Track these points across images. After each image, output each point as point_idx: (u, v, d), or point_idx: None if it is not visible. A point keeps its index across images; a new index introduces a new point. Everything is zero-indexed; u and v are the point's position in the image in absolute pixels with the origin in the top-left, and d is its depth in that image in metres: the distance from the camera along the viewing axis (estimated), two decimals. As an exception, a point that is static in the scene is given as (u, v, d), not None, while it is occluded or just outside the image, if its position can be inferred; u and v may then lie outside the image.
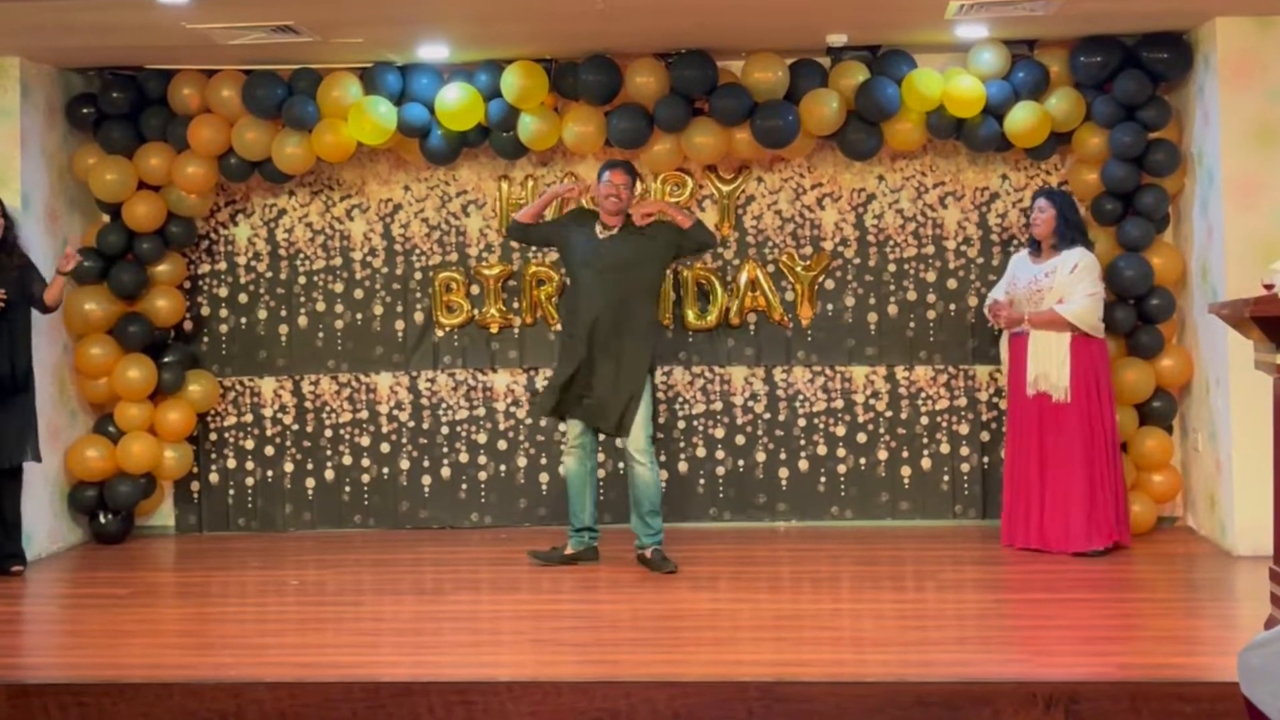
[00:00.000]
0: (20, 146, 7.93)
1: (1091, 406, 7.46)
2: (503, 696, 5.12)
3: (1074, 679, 5.12)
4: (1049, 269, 7.54)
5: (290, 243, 8.76)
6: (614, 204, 7.35)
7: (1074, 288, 7.43)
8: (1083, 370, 7.45)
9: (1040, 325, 7.48)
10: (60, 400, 8.28)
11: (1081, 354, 7.45)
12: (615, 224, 7.40)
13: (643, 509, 7.35)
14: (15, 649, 6.34)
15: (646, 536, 7.36)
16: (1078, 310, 7.41)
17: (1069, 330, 7.43)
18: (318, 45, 7.71)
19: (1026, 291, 7.58)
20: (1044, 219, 7.56)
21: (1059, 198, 7.64)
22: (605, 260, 7.31)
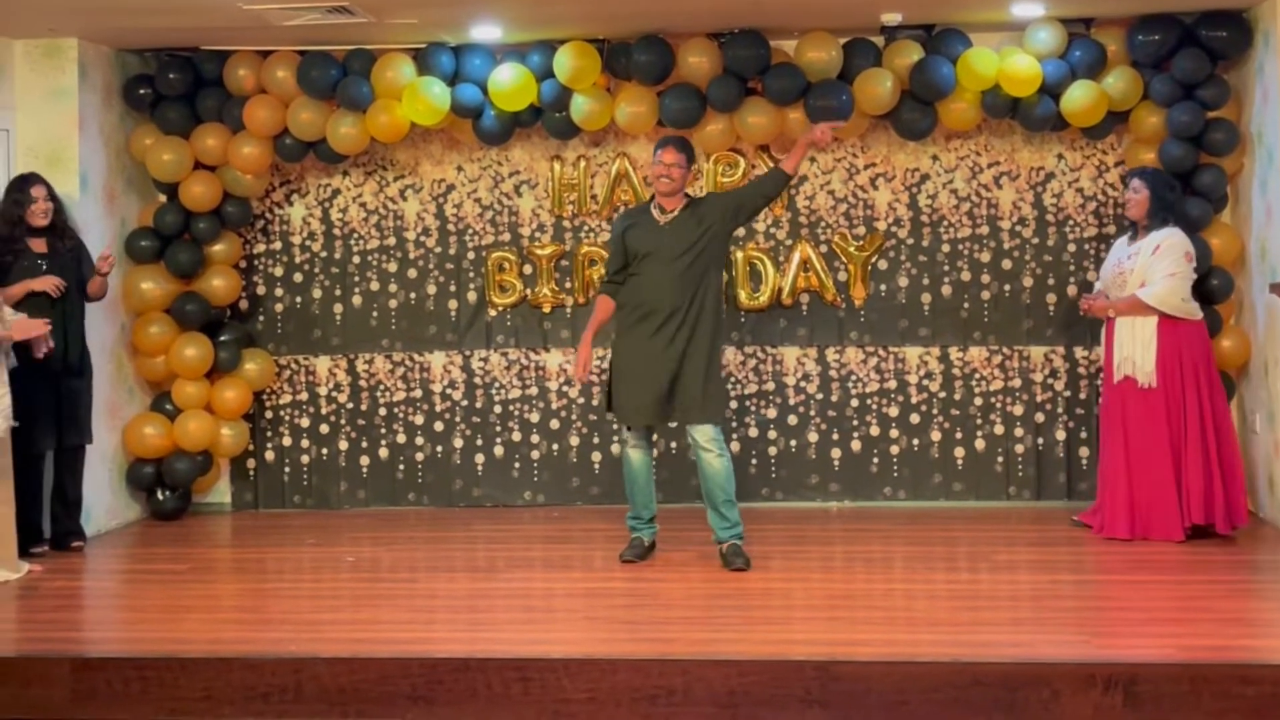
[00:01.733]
0: (79, 127, 8.00)
1: (1178, 390, 7.25)
2: (559, 673, 5.14)
3: (1133, 660, 5.09)
4: (1134, 250, 7.39)
5: (344, 222, 8.80)
6: (665, 185, 6.92)
7: (1155, 269, 7.26)
8: (1169, 354, 7.25)
9: (1124, 312, 7.33)
10: (118, 378, 8.36)
11: (1167, 337, 7.25)
12: (674, 206, 6.97)
13: (716, 500, 6.91)
14: (77, 623, 6.42)
15: (724, 530, 6.94)
16: (1157, 292, 7.22)
17: (1152, 313, 7.27)
18: (372, 26, 7.74)
19: (1112, 275, 7.46)
20: (1137, 200, 7.39)
21: (1152, 176, 7.45)
22: (670, 246, 6.88)
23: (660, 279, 6.88)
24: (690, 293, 6.86)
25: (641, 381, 6.92)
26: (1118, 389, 7.41)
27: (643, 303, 6.94)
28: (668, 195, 6.98)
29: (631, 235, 7.00)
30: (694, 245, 6.88)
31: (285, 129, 8.31)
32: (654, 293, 6.89)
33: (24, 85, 7.97)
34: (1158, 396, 7.27)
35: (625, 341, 7.05)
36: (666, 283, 6.87)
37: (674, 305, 6.85)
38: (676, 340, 6.86)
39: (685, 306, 6.86)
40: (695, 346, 6.87)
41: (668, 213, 6.98)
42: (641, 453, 7.07)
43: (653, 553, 7.17)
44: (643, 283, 6.95)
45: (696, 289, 6.88)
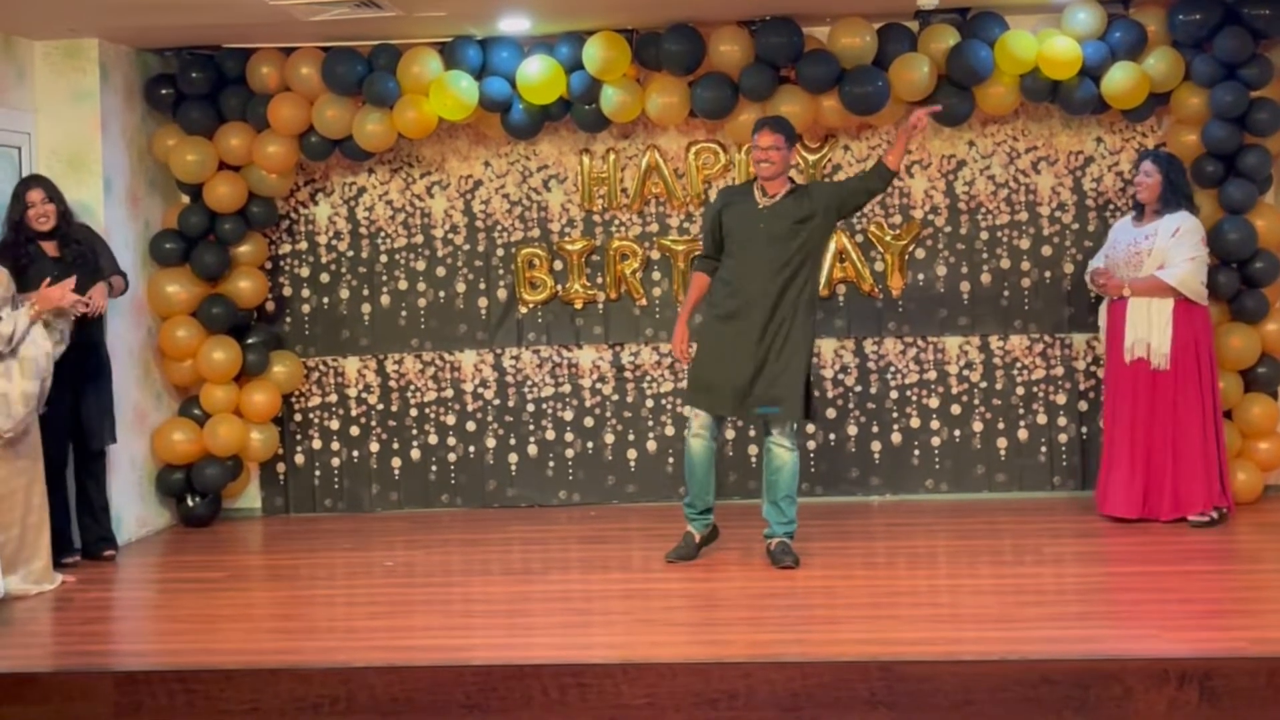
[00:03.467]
0: (101, 129, 7.87)
1: (1191, 374, 7.29)
2: (617, 679, 5.02)
3: (1206, 655, 4.97)
4: (1149, 232, 7.37)
5: (371, 221, 8.67)
6: (767, 169, 6.65)
7: (1175, 252, 7.25)
8: (1184, 337, 7.28)
9: (1141, 292, 7.30)
10: (145, 383, 8.24)
11: (1183, 321, 7.27)
12: (777, 190, 6.71)
13: (778, 494, 6.76)
14: (113, 635, 6.33)
15: (779, 525, 6.78)
16: (1180, 275, 7.23)
17: (1171, 296, 7.26)
18: (398, 20, 7.60)
19: (1125, 255, 7.40)
20: (1149, 183, 7.36)
21: (1165, 161, 7.43)
22: (770, 230, 6.64)
23: (756, 265, 6.66)
24: (785, 282, 6.64)
25: (726, 370, 6.71)
26: (1129, 370, 7.37)
27: (735, 288, 6.71)
28: (770, 179, 6.72)
29: (729, 215, 6.79)
30: (795, 234, 6.65)
31: (310, 127, 8.18)
32: (748, 279, 6.68)
33: (45, 87, 7.83)
34: (1170, 379, 7.27)
35: (714, 327, 6.83)
36: (763, 269, 6.65)
37: (768, 293, 6.63)
38: (768, 331, 6.64)
39: (779, 296, 6.63)
40: (787, 339, 6.65)
41: (770, 196, 6.75)
42: (705, 442, 6.86)
43: (705, 547, 7.01)
44: (737, 267, 6.73)
45: (792, 279, 6.65)
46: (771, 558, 6.76)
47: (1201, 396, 7.32)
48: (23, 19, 7.40)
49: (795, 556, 6.72)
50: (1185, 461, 7.30)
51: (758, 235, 6.69)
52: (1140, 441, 7.37)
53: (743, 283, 6.68)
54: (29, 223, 7.19)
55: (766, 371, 6.66)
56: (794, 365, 6.66)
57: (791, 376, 6.66)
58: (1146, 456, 7.37)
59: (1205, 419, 7.33)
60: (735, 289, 6.71)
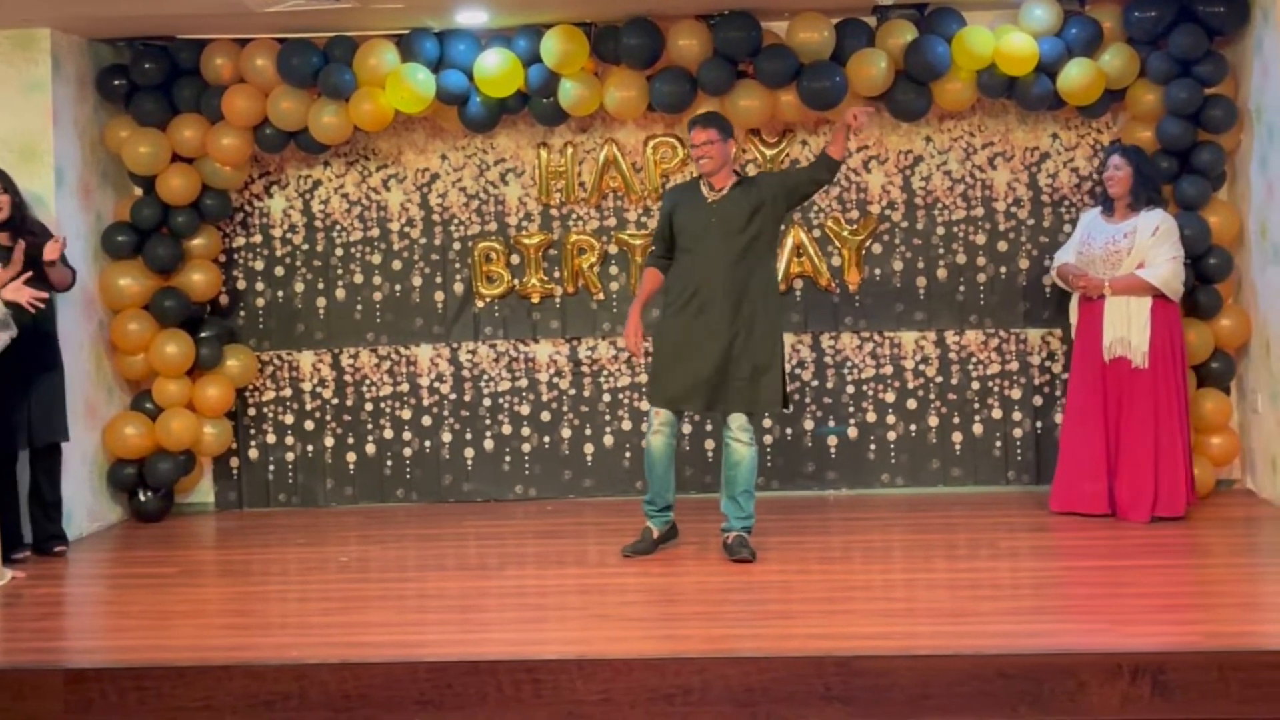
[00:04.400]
0: (52, 120, 7.77)
1: (1168, 371, 7.25)
2: (572, 675, 4.99)
3: (1159, 649, 4.98)
4: (1127, 230, 7.31)
5: (326, 214, 8.61)
6: (707, 165, 6.68)
7: (1157, 251, 7.21)
8: (1162, 335, 7.24)
9: (1122, 291, 7.25)
10: (97, 377, 8.15)
11: (1160, 318, 7.23)
12: (724, 183, 6.72)
13: (736, 489, 6.75)
14: (63, 632, 6.25)
15: (737, 519, 6.77)
16: (1164, 275, 7.19)
17: (1150, 294, 7.22)
18: (354, 11, 7.54)
19: (1103, 253, 7.36)
20: (1120, 176, 7.34)
21: (1135, 154, 7.43)
22: (723, 223, 6.65)
23: (709, 260, 6.65)
24: (746, 273, 6.63)
25: (692, 367, 6.68)
26: (1107, 368, 7.32)
27: (692, 285, 6.69)
28: (713, 174, 6.74)
29: (680, 214, 6.79)
30: (747, 225, 6.65)
31: (265, 119, 8.12)
32: (702, 274, 6.66)
33: (-5, 78, 7.76)
34: (1147, 376, 7.23)
35: (672, 324, 6.79)
36: (721, 263, 6.63)
37: (725, 288, 6.61)
38: (736, 324, 6.62)
39: (742, 288, 6.62)
40: (749, 333, 6.63)
41: (717, 190, 6.75)
42: (665, 439, 6.82)
43: (663, 545, 6.99)
44: (693, 263, 6.72)
45: (752, 270, 6.65)
46: (728, 551, 6.74)
47: (1175, 394, 7.28)
48: (-28, 8, 7.32)
49: (752, 550, 6.70)
50: (1169, 461, 7.23)
51: (711, 230, 6.68)
52: (1115, 442, 7.31)
53: (702, 278, 6.66)
54: None
55: (739, 365, 6.64)
56: (765, 361, 6.66)
57: (762, 373, 6.65)
58: (1120, 457, 7.30)
59: (1177, 417, 7.28)
60: (696, 285, 6.68)
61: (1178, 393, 7.30)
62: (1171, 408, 7.27)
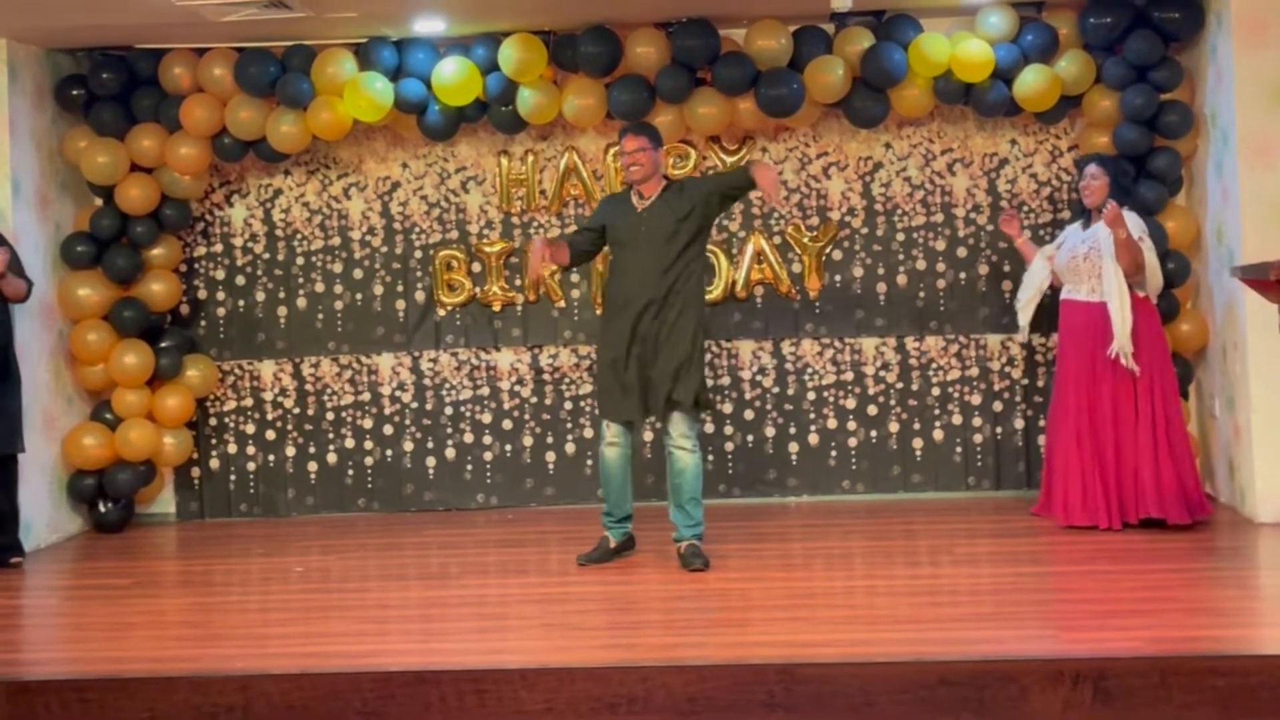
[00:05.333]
0: (9, 130, 7.77)
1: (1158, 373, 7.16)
2: (515, 684, 4.99)
3: (1101, 655, 4.98)
4: (1090, 236, 7.24)
5: (287, 223, 8.61)
6: (636, 173, 6.73)
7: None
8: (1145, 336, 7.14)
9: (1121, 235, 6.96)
10: (56, 387, 8.13)
11: (1142, 319, 7.13)
12: (652, 191, 6.76)
13: (683, 497, 6.75)
14: (15, 644, 6.21)
15: (686, 528, 6.77)
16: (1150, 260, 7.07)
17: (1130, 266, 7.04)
18: (311, 21, 7.55)
19: (1068, 262, 7.30)
20: (1096, 186, 7.25)
21: (1111, 164, 7.34)
22: (651, 231, 6.67)
23: (640, 268, 6.69)
24: (670, 282, 6.65)
25: (621, 375, 6.73)
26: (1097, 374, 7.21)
27: (623, 292, 6.75)
28: (642, 182, 6.78)
29: (612, 225, 6.85)
30: (676, 231, 6.67)
31: (224, 128, 8.11)
32: (634, 282, 6.70)
33: (-49, 88, 7.74)
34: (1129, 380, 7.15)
35: (607, 333, 6.85)
36: (647, 271, 6.67)
37: (653, 295, 6.64)
38: (657, 330, 6.66)
39: (664, 296, 6.64)
40: (675, 337, 6.65)
41: (646, 198, 6.79)
42: (618, 450, 6.85)
43: (621, 555, 7.00)
44: (624, 273, 6.77)
45: (677, 278, 6.66)
46: (682, 560, 6.73)
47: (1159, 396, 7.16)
48: (-74, 19, 7.31)
49: (705, 559, 6.70)
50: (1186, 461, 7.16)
51: (640, 238, 6.71)
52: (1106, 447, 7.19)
53: (632, 289, 6.70)
54: None
55: (660, 373, 6.66)
56: (689, 364, 6.66)
57: (687, 376, 6.66)
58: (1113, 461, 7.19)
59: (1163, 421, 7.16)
60: (626, 296, 6.72)
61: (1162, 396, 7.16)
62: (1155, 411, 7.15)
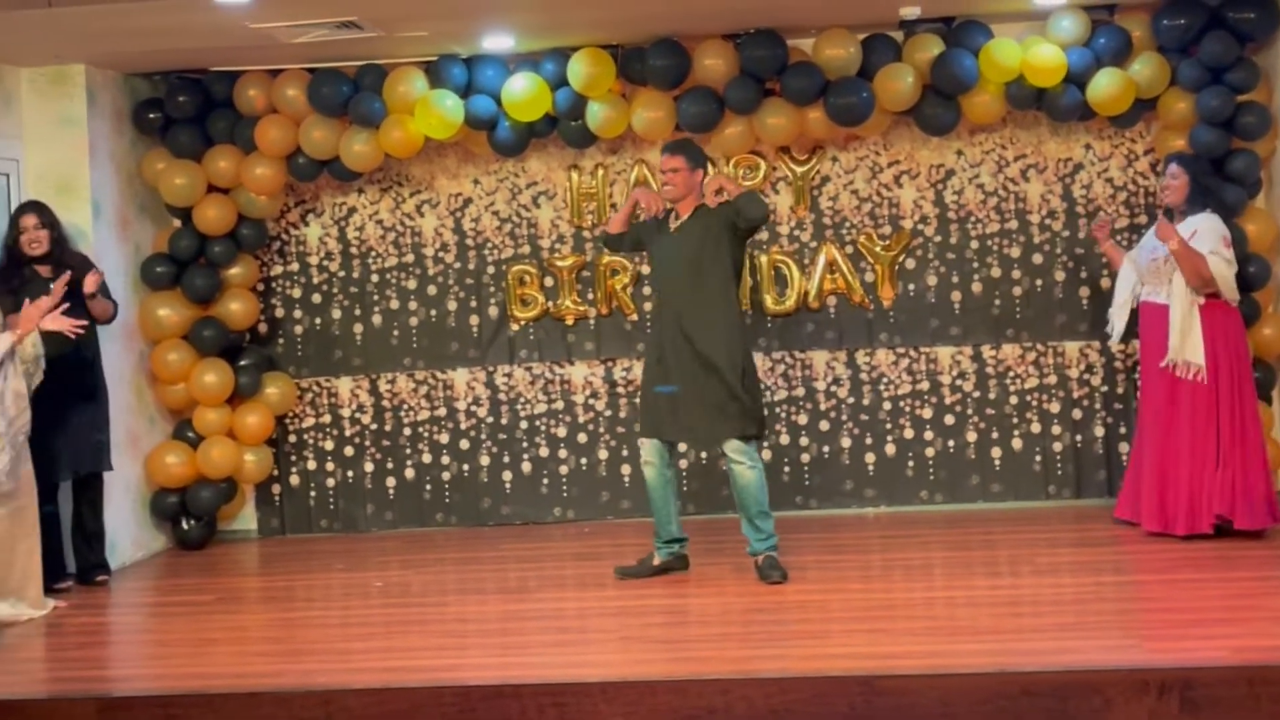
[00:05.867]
0: (89, 154, 7.89)
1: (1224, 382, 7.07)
2: (595, 698, 5.00)
3: (1187, 664, 4.92)
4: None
5: (361, 241, 8.68)
6: (670, 192, 6.81)
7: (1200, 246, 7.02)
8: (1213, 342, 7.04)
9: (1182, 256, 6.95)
10: (138, 407, 8.25)
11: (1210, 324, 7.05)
12: (686, 211, 6.83)
13: (750, 512, 6.72)
14: (102, 660, 6.32)
15: (758, 541, 6.75)
16: (1220, 270, 6.99)
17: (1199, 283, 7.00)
18: (382, 40, 7.62)
19: (1147, 263, 7.25)
20: (1176, 185, 7.19)
21: (1191, 162, 7.26)
22: (680, 253, 6.74)
23: (671, 287, 6.81)
24: (701, 301, 6.69)
25: (658, 397, 6.80)
26: (1162, 380, 7.17)
27: (660, 314, 6.89)
28: (676, 201, 6.86)
29: (653, 235, 6.96)
30: (700, 252, 6.71)
31: (298, 148, 8.20)
32: (668, 302, 6.82)
33: (32, 114, 7.86)
34: (1205, 389, 7.06)
35: (649, 355, 6.99)
36: (677, 290, 6.76)
37: (688, 316, 6.68)
38: (693, 352, 6.67)
39: (695, 316, 6.67)
40: (712, 359, 6.65)
41: (680, 218, 6.88)
42: (655, 470, 6.89)
43: (666, 574, 6.95)
44: (662, 295, 6.92)
45: (707, 295, 6.69)
46: (760, 574, 6.72)
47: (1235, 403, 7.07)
48: (8, 47, 7.43)
49: (783, 571, 6.68)
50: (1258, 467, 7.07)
51: (675, 259, 6.78)
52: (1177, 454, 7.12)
53: (665, 310, 6.80)
54: (21, 248, 7.22)
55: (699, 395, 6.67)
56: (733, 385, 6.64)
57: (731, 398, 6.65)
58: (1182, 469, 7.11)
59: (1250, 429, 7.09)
60: (660, 318, 6.85)
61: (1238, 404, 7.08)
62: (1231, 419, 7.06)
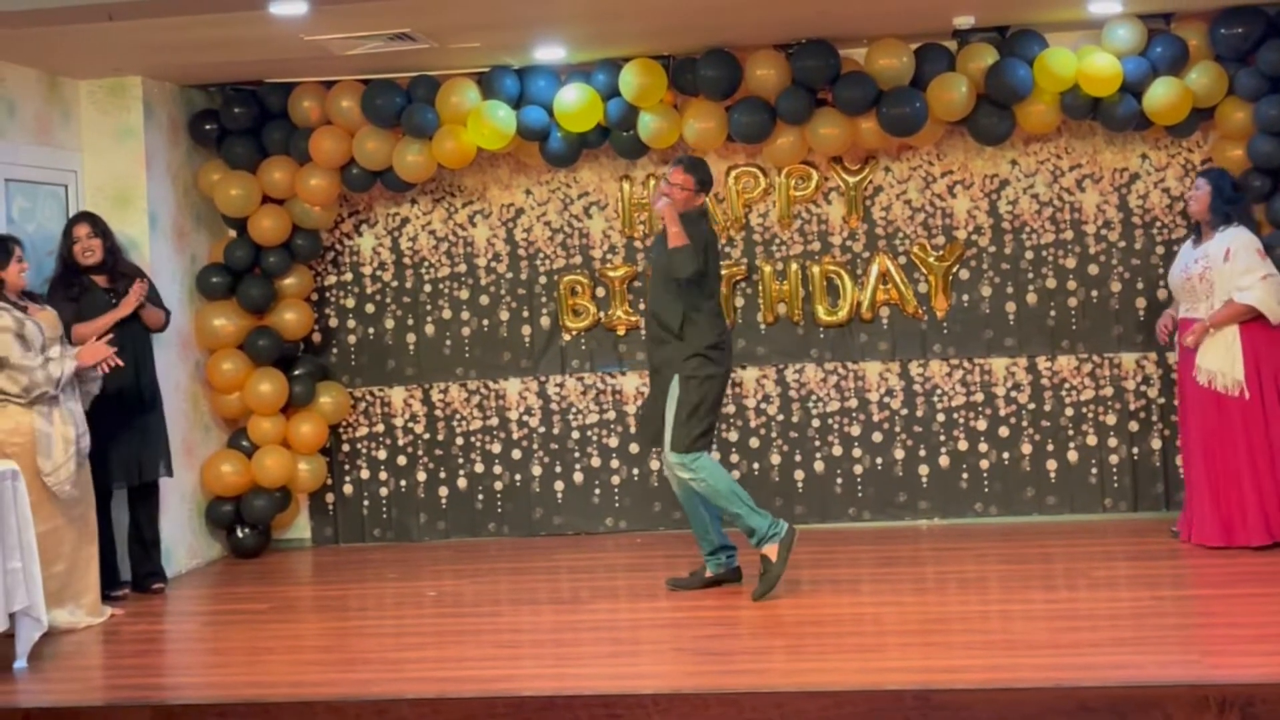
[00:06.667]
0: (146, 165, 7.97)
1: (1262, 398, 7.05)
2: (649, 709, 4.99)
3: (1248, 680, 4.86)
4: (1199, 255, 7.20)
5: (414, 251, 8.72)
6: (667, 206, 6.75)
7: (1239, 275, 7.02)
8: (1253, 360, 7.05)
9: (1223, 323, 7.07)
10: (194, 416, 8.31)
11: (1250, 343, 7.04)
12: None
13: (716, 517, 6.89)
14: (159, 668, 6.36)
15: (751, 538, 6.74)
16: (1258, 295, 6.99)
17: (1249, 317, 7.02)
18: (435, 51, 7.65)
19: (1180, 282, 7.25)
20: (1198, 196, 7.23)
21: (1215, 175, 7.29)
22: (660, 265, 6.80)
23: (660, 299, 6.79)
24: (659, 310, 6.75)
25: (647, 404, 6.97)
26: (1200, 396, 7.17)
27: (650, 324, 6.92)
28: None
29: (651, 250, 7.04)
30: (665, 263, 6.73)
31: (352, 159, 8.24)
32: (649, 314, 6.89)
33: (90, 126, 7.94)
34: (1240, 404, 7.06)
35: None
36: (657, 301, 6.79)
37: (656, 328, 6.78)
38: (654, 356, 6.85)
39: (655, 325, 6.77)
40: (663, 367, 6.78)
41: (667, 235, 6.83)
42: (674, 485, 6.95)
43: (718, 585, 6.92)
44: (651, 304, 6.93)
45: (663, 305, 6.73)
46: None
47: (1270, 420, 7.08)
48: (67, 60, 7.51)
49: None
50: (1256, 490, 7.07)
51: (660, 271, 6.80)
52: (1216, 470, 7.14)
53: (654, 318, 6.81)
54: (75, 257, 7.30)
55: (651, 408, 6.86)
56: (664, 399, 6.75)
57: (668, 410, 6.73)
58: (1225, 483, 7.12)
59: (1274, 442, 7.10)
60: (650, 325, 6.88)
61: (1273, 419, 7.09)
62: (1266, 434, 7.08)
